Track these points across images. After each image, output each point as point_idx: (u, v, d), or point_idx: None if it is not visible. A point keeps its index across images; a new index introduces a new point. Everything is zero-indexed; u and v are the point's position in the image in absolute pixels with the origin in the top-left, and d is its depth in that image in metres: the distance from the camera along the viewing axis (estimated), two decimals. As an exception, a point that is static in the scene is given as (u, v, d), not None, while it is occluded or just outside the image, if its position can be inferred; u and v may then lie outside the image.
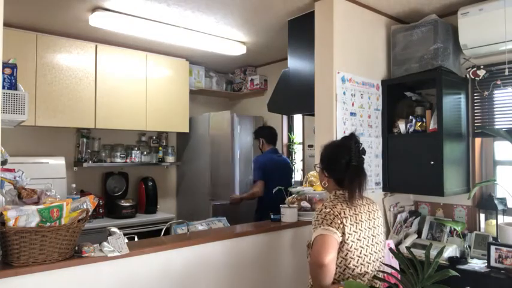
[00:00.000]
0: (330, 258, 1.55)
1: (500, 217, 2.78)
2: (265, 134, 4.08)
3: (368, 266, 1.70)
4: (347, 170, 1.73)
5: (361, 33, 2.95)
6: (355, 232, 1.67)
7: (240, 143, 4.57)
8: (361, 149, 1.78)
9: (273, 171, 3.86)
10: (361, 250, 1.67)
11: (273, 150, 4.03)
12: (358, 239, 1.67)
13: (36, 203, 1.73)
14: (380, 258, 1.77)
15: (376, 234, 1.77)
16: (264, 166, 3.88)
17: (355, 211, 1.71)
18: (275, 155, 4.03)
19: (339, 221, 1.62)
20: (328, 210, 1.66)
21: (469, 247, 2.73)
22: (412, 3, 2.91)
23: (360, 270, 1.68)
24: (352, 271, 1.66)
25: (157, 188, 4.34)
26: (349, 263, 1.65)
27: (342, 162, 1.75)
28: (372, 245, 1.73)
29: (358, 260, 1.67)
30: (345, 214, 1.66)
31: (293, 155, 4.63)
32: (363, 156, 1.79)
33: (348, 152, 1.75)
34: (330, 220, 1.63)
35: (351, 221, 1.66)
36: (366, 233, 1.71)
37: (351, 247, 1.64)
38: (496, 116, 2.94)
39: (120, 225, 3.60)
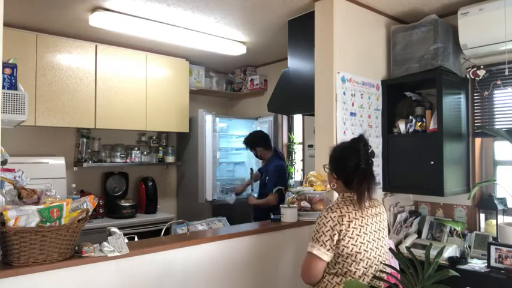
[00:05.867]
0: (316, 279, 1.71)
1: (500, 217, 2.78)
2: (260, 141, 3.83)
3: (369, 270, 1.69)
4: (355, 173, 1.72)
5: (361, 33, 2.95)
6: (359, 236, 1.65)
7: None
8: (370, 151, 1.76)
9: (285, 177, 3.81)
10: (364, 253, 1.66)
11: (278, 155, 3.87)
12: (361, 243, 1.66)
13: (36, 203, 1.73)
14: (384, 261, 1.76)
15: (381, 237, 1.76)
16: (282, 175, 3.69)
17: (361, 214, 1.70)
18: (280, 159, 3.88)
19: (334, 232, 1.63)
20: (328, 219, 1.65)
21: (469, 247, 2.73)
22: (412, 3, 2.91)
23: (361, 273, 1.67)
24: (354, 274, 1.65)
25: (157, 188, 4.34)
26: (350, 266, 1.65)
27: (350, 165, 1.74)
28: (376, 248, 1.71)
29: (360, 263, 1.66)
30: (349, 218, 1.65)
31: (293, 155, 4.62)
32: (372, 158, 1.77)
33: (357, 154, 1.73)
34: (322, 233, 1.64)
35: (355, 224, 1.65)
36: (371, 237, 1.70)
37: (351, 250, 1.64)
38: (496, 116, 2.94)
39: (120, 225, 3.60)
